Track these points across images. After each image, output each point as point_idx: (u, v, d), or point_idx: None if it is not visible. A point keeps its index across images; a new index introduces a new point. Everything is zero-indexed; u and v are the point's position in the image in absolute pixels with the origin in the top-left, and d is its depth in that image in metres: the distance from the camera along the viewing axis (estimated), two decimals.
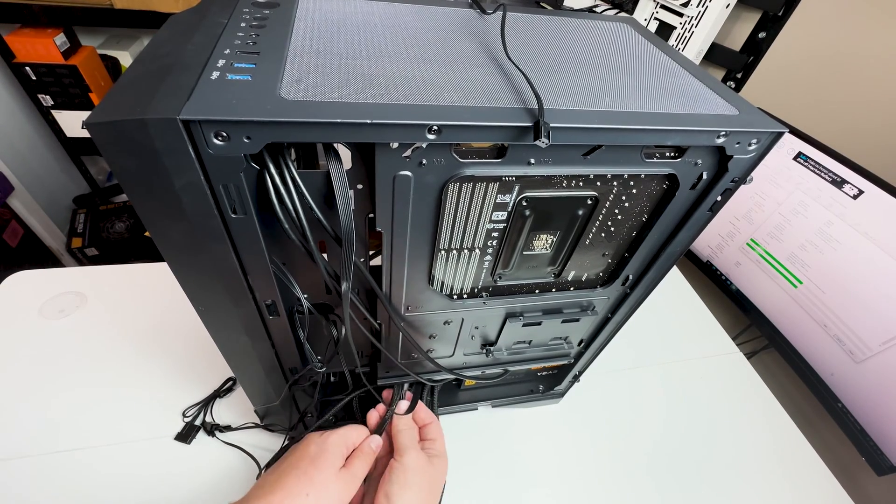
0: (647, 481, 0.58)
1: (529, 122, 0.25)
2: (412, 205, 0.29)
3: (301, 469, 0.37)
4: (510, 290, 0.40)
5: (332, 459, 0.38)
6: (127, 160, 0.22)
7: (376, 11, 0.35)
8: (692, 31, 1.01)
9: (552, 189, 0.31)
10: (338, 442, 0.39)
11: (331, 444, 0.39)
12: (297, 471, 0.36)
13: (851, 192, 0.76)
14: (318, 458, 0.38)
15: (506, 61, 0.31)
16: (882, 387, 0.71)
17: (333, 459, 0.38)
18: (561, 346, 0.48)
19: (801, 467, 0.63)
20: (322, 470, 0.37)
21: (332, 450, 0.39)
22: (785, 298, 0.86)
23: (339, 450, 0.39)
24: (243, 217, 0.26)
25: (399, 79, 0.26)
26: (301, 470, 0.36)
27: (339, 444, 0.40)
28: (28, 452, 0.51)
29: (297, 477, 0.36)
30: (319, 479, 0.36)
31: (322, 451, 0.38)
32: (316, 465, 0.37)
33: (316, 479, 0.36)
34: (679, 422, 0.65)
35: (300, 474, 0.36)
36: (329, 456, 0.38)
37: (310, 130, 0.22)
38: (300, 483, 0.36)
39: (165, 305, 0.66)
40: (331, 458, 0.38)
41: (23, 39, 1.15)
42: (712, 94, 0.32)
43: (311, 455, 0.38)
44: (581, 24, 0.41)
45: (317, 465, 0.37)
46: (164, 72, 0.23)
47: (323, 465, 0.37)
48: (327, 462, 0.37)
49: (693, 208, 0.34)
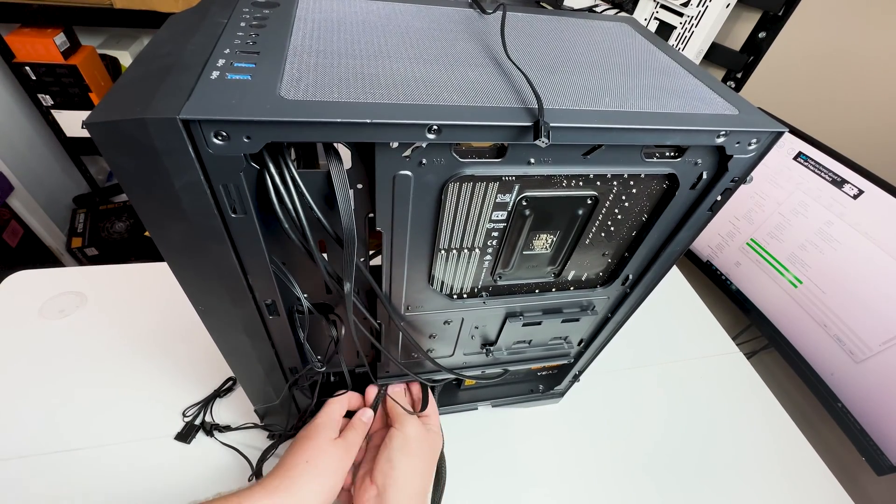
0: (646, 481, 0.58)
1: (529, 121, 0.25)
2: (412, 204, 0.29)
3: (298, 443, 0.41)
4: (510, 289, 0.40)
5: (325, 432, 0.42)
6: (127, 160, 0.22)
7: (376, 11, 0.35)
8: (692, 30, 1.01)
9: (552, 189, 0.31)
10: (325, 419, 0.43)
11: (320, 421, 0.43)
12: (295, 445, 0.41)
13: (851, 192, 0.76)
14: (312, 432, 0.42)
15: (506, 61, 0.31)
16: (882, 387, 0.71)
17: (326, 431, 0.42)
18: (561, 346, 0.48)
19: (801, 467, 0.63)
20: (316, 439, 0.41)
21: (323, 423, 0.43)
22: (785, 298, 0.86)
23: (329, 423, 0.43)
24: (243, 217, 0.26)
25: (399, 78, 0.26)
26: (298, 444, 0.41)
27: (327, 419, 0.43)
28: (28, 452, 0.51)
29: (296, 450, 0.40)
30: (314, 447, 0.40)
31: (314, 426, 0.42)
32: (310, 437, 0.41)
33: (310, 448, 0.40)
34: (679, 422, 0.65)
35: (298, 447, 0.41)
36: (321, 429, 0.42)
37: (310, 130, 0.22)
38: (298, 453, 0.40)
39: (165, 305, 0.66)
40: (323, 431, 0.42)
41: (23, 39, 1.15)
42: (712, 93, 0.32)
43: (306, 432, 0.42)
44: (581, 23, 0.41)
45: (311, 437, 0.41)
46: (164, 72, 0.23)
47: (317, 436, 0.41)
48: (321, 434, 0.42)
49: (693, 208, 0.34)
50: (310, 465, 0.39)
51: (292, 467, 0.38)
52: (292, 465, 0.38)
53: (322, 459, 0.40)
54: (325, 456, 0.40)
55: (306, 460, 0.39)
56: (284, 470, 0.38)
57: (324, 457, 0.40)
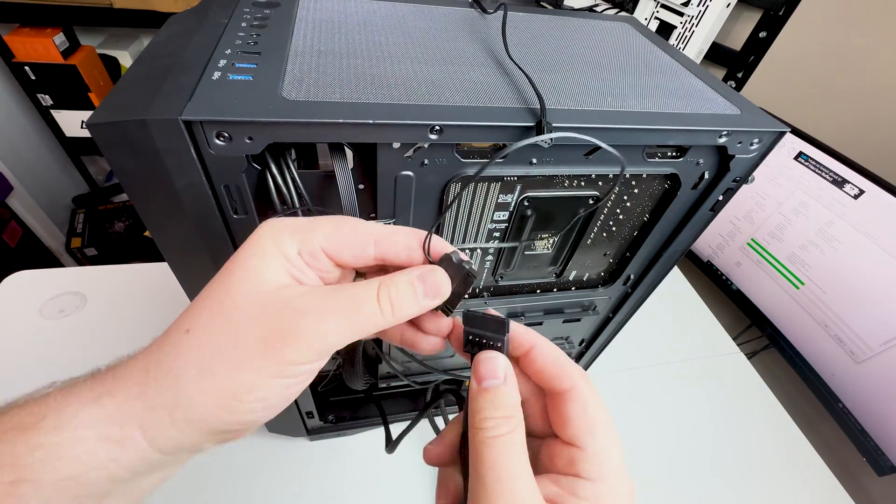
0: (647, 481, 0.58)
1: (532, 121, 0.24)
2: (414, 205, 0.28)
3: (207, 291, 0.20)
4: (511, 289, 0.40)
5: (267, 257, 0.19)
6: (128, 160, 0.22)
7: (377, 11, 0.35)
8: (693, 30, 1.01)
9: (554, 189, 0.31)
10: (270, 228, 0.20)
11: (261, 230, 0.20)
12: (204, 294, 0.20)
13: (852, 192, 0.75)
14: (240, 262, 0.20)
15: (507, 61, 0.31)
16: (883, 387, 0.71)
17: (270, 259, 0.19)
18: (562, 346, 0.48)
19: (802, 467, 0.63)
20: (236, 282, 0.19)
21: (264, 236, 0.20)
22: (786, 298, 0.86)
23: (279, 232, 0.20)
24: (244, 217, 0.26)
25: (400, 78, 0.26)
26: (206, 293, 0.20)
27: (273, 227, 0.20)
28: None
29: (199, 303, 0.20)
30: (222, 296, 0.19)
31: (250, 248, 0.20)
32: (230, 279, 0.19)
33: (213, 303, 0.19)
34: (679, 421, 0.65)
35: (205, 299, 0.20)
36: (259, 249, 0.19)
37: (312, 131, 0.22)
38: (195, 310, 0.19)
39: (165, 305, 0.66)
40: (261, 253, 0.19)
41: (22, 39, 1.14)
42: (714, 93, 0.32)
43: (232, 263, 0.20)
44: (582, 23, 0.41)
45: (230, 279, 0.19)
46: (166, 72, 0.23)
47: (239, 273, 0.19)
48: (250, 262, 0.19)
49: (694, 208, 0.34)
50: (191, 337, 0.18)
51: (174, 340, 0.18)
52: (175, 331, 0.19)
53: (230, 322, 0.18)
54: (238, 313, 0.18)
55: (186, 329, 0.18)
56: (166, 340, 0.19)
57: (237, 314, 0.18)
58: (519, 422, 0.20)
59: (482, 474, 0.18)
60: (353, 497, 0.52)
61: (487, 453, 0.19)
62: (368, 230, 0.21)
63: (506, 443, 0.19)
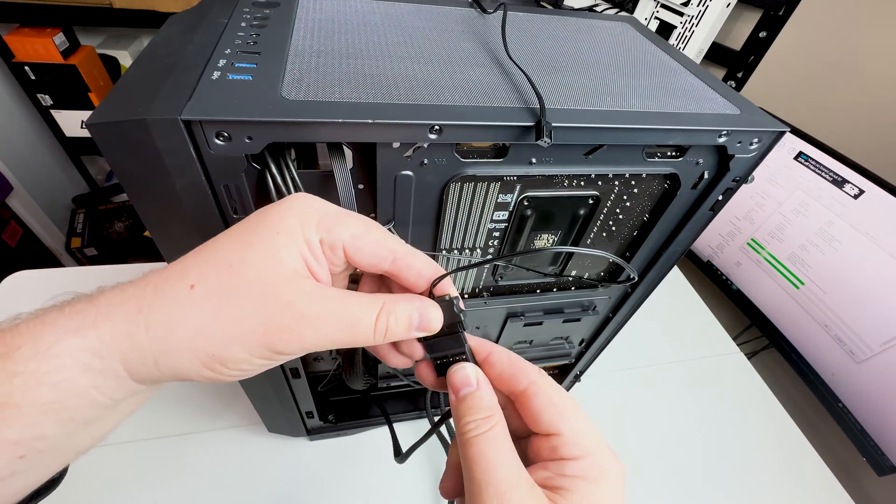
0: (647, 481, 0.58)
1: (531, 121, 0.25)
2: (413, 205, 0.28)
3: (225, 238, 0.20)
4: (511, 289, 0.40)
5: (287, 246, 0.19)
6: (128, 160, 0.22)
7: (377, 11, 0.35)
8: (693, 30, 1.01)
9: (554, 188, 0.31)
10: (300, 206, 0.20)
11: (286, 211, 0.20)
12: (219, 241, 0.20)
13: (852, 192, 0.76)
14: (255, 225, 0.20)
15: (507, 61, 0.31)
16: (883, 387, 0.71)
17: (289, 246, 0.19)
18: (562, 346, 0.48)
19: (802, 467, 0.63)
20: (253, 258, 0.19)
21: (290, 226, 0.20)
22: (786, 298, 0.86)
23: (305, 223, 0.20)
24: (244, 217, 0.26)
25: (400, 78, 0.26)
26: (224, 239, 0.20)
27: (302, 208, 0.20)
28: None
29: (210, 250, 0.19)
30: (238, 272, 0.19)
31: (267, 215, 0.20)
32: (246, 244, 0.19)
33: (226, 269, 0.19)
34: (680, 421, 0.65)
35: (218, 245, 0.20)
36: (282, 235, 0.19)
37: (312, 130, 0.22)
38: (200, 260, 0.19)
39: None
40: (283, 238, 0.19)
41: (22, 39, 1.14)
42: (713, 93, 0.32)
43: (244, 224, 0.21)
44: (582, 23, 0.41)
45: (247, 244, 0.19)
46: (165, 72, 0.23)
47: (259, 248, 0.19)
48: (271, 247, 0.19)
49: (694, 208, 0.34)
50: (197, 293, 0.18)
51: (171, 291, 0.18)
52: (178, 283, 0.18)
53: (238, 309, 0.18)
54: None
55: (191, 284, 0.18)
56: (159, 291, 0.18)
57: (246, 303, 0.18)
58: (499, 419, 0.21)
59: (471, 471, 0.19)
60: (353, 497, 0.52)
61: (472, 451, 0.20)
62: (393, 246, 0.22)
63: (487, 438, 0.20)
